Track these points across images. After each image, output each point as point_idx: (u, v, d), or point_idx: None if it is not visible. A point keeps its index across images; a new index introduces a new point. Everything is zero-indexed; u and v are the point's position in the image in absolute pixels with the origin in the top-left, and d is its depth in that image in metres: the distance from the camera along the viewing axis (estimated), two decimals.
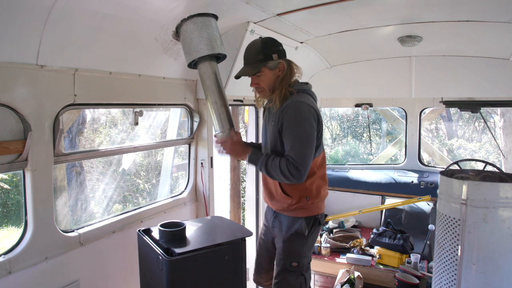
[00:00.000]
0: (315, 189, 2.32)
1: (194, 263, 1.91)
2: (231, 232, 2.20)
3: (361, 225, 4.65)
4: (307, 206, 2.31)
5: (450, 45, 3.99)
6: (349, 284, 3.45)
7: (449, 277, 2.09)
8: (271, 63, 2.21)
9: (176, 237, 2.03)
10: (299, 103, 2.17)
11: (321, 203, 2.39)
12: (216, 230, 2.30)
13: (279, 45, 2.27)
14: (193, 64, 2.42)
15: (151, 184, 8.45)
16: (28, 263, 1.95)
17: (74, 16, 1.84)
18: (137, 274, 2.45)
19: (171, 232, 2.02)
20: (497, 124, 9.96)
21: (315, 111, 2.20)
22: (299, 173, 2.10)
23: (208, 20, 2.37)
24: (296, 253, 2.35)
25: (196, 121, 3.19)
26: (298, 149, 2.12)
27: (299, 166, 2.10)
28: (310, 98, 2.27)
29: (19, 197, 6.87)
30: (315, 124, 2.18)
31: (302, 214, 2.33)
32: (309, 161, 2.15)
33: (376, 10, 2.95)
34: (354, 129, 12.85)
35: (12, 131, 1.85)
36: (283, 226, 2.36)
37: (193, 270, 1.92)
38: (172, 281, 1.84)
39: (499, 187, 1.97)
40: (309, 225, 2.33)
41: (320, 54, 4.28)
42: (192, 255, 1.90)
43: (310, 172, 2.23)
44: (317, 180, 2.33)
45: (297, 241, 2.34)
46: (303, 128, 2.14)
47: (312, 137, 2.16)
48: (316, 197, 2.33)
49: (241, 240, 2.09)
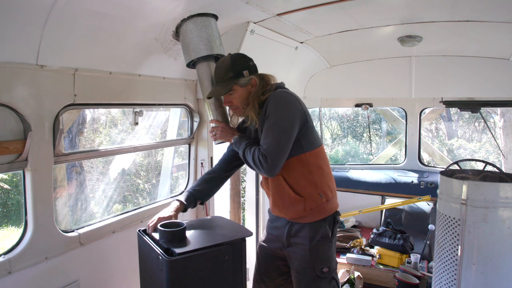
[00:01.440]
0: (326, 184, 2.20)
1: (194, 263, 1.91)
2: (232, 232, 2.18)
3: (361, 225, 4.65)
4: (323, 205, 2.18)
5: (450, 45, 3.99)
6: (349, 284, 3.45)
7: (449, 277, 2.09)
8: (242, 80, 2.14)
9: (176, 237, 2.02)
10: (280, 92, 2.11)
11: (335, 198, 2.28)
12: (216, 230, 2.29)
13: (249, 60, 2.20)
14: (192, 64, 2.43)
15: (151, 184, 8.45)
16: (28, 263, 1.94)
17: (74, 16, 1.84)
18: (137, 274, 2.45)
19: (171, 232, 2.01)
20: (497, 124, 9.96)
21: (298, 101, 2.11)
22: (267, 164, 2.00)
23: (208, 20, 2.37)
24: (325, 258, 2.23)
25: (196, 121, 3.19)
26: (272, 138, 2.01)
27: (268, 156, 1.99)
28: (289, 91, 2.20)
29: (19, 197, 6.87)
30: (298, 114, 2.06)
31: (321, 216, 2.19)
32: (280, 153, 2.02)
33: (376, 10, 2.95)
34: (354, 129, 12.85)
35: (12, 131, 1.85)
36: (304, 235, 2.20)
37: (193, 270, 1.91)
38: (172, 281, 1.84)
39: (499, 187, 1.97)
40: (331, 226, 2.23)
41: (320, 54, 4.28)
42: (192, 255, 1.89)
43: (315, 165, 2.15)
44: (325, 174, 2.21)
45: (323, 246, 2.21)
46: (281, 117, 2.03)
47: (290, 126, 2.04)
48: (329, 193, 2.21)
49: (241, 240, 2.07)
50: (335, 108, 11.81)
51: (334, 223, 2.25)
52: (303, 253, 2.21)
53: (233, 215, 5.86)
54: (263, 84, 2.16)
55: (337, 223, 2.28)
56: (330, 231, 2.21)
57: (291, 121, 2.04)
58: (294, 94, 2.18)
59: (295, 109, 2.07)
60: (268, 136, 2.02)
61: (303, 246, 2.21)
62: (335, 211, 2.26)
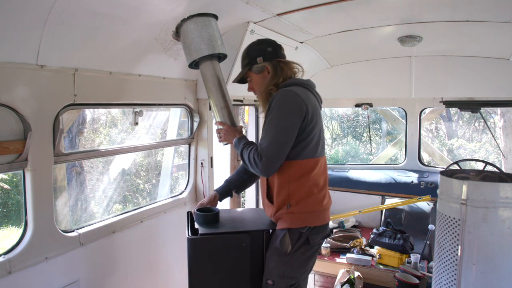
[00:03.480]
0: (302, 196, 2.05)
1: (213, 244, 2.11)
2: (259, 224, 2.28)
3: (361, 225, 4.65)
4: (287, 215, 2.06)
5: (450, 45, 3.99)
6: (349, 284, 3.45)
7: (449, 277, 2.09)
8: (255, 67, 2.15)
9: (207, 220, 2.23)
10: (286, 91, 2.03)
11: (308, 215, 2.07)
12: (248, 221, 2.41)
13: (267, 46, 2.16)
14: (194, 64, 2.42)
15: (151, 184, 8.45)
16: (28, 263, 1.95)
17: (74, 16, 1.84)
18: (137, 274, 2.45)
19: (203, 215, 2.23)
20: (497, 124, 9.96)
21: (305, 103, 1.99)
22: (262, 164, 1.96)
23: (208, 20, 2.37)
24: (272, 269, 2.10)
25: (196, 121, 3.19)
26: (270, 138, 1.97)
27: (264, 155, 1.95)
28: (304, 90, 2.08)
29: (19, 197, 6.87)
30: (299, 115, 1.98)
31: (282, 224, 2.08)
32: (277, 154, 1.97)
33: (376, 10, 2.95)
34: (354, 129, 12.84)
35: (12, 131, 1.85)
36: (272, 239, 2.15)
37: (211, 250, 2.11)
38: (192, 257, 2.08)
39: (499, 187, 1.97)
40: (293, 241, 2.04)
41: (320, 54, 4.28)
42: (211, 236, 2.11)
43: (296, 175, 2.04)
44: (306, 186, 2.06)
45: (276, 256, 2.09)
46: (281, 116, 1.97)
47: (290, 128, 1.97)
48: (300, 206, 2.05)
49: (262, 232, 2.17)
50: (335, 108, 11.81)
51: (299, 239, 2.05)
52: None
53: None
54: (277, 73, 2.13)
55: (307, 243, 2.07)
56: (290, 246, 2.05)
57: (292, 123, 1.98)
58: (304, 95, 2.05)
59: (298, 111, 1.99)
60: (267, 136, 2.00)
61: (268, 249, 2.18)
62: (306, 227, 2.06)
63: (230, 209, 2.41)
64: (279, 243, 2.07)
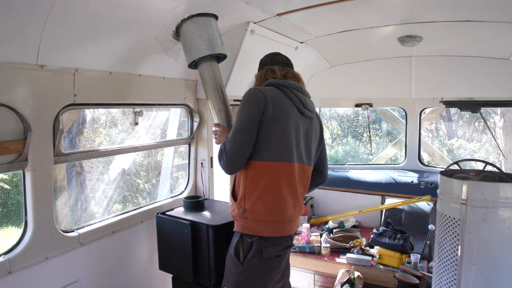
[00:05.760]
0: (257, 202, 1.93)
1: (168, 223, 2.49)
2: (218, 219, 2.47)
3: (361, 225, 4.65)
4: (241, 218, 1.96)
5: (450, 45, 3.99)
6: (349, 284, 3.44)
7: (449, 277, 2.09)
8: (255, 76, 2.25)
9: (190, 206, 2.66)
10: (250, 89, 2.02)
11: (261, 224, 1.92)
12: (217, 214, 2.60)
13: (265, 58, 2.24)
14: (194, 64, 2.42)
15: (151, 184, 8.45)
16: (28, 263, 1.95)
17: (74, 16, 1.84)
18: (137, 275, 2.45)
19: (185, 201, 2.67)
20: (497, 124, 9.95)
21: (265, 99, 1.92)
22: (223, 161, 1.98)
23: (208, 20, 2.37)
24: (228, 275, 2.01)
25: (196, 121, 3.19)
26: (231, 135, 1.97)
27: (225, 152, 1.96)
28: (273, 89, 2.02)
29: (19, 197, 6.86)
30: (257, 109, 1.91)
31: (236, 227, 2.00)
32: (236, 151, 1.92)
33: (376, 10, 2.95)
34: (354, 129, 12.84)
35: (12, 131, 1.85)
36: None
37: (168, 228, 2.49)
38: (157, 231, 2.55)
39: (499, 187, 1.97)
40: (245, 250, 1.93)
41: (320, 54, 4.28)
42: (165, 217, 2.51)
43: (252, 177, 1.95)
44: (261, 191, 1.93)
45: (232, 264, 1.98)
46: (240, 112, 1.96)
47: (247, 121, 1.92)
48: (254, 212, 1.92)
49: (206, 226, 2.34)
50: (335, 108, 11.81)
51: (250, 249, 1.93)
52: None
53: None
54: (263, 79, 2.17)
55: (260, 255, 1.92)
56: (241, 254, 1.94)
57: (249, 116, 1.93)
58: (270, 93, 1.97)
59: (256, 105, 1.92)
60: (230, 133, 2.01)
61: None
62: (259, 237, 1.93)
63: (221, 201, 2.88)
64: (233, 250, 1.99)
